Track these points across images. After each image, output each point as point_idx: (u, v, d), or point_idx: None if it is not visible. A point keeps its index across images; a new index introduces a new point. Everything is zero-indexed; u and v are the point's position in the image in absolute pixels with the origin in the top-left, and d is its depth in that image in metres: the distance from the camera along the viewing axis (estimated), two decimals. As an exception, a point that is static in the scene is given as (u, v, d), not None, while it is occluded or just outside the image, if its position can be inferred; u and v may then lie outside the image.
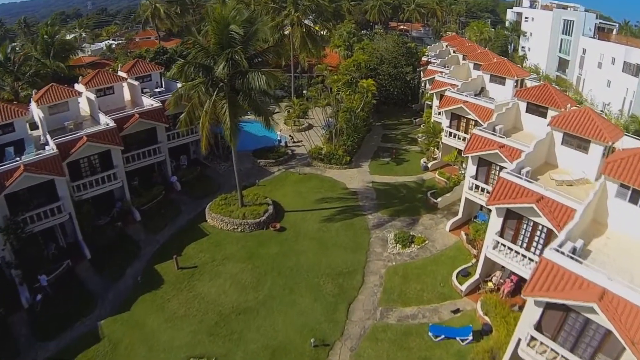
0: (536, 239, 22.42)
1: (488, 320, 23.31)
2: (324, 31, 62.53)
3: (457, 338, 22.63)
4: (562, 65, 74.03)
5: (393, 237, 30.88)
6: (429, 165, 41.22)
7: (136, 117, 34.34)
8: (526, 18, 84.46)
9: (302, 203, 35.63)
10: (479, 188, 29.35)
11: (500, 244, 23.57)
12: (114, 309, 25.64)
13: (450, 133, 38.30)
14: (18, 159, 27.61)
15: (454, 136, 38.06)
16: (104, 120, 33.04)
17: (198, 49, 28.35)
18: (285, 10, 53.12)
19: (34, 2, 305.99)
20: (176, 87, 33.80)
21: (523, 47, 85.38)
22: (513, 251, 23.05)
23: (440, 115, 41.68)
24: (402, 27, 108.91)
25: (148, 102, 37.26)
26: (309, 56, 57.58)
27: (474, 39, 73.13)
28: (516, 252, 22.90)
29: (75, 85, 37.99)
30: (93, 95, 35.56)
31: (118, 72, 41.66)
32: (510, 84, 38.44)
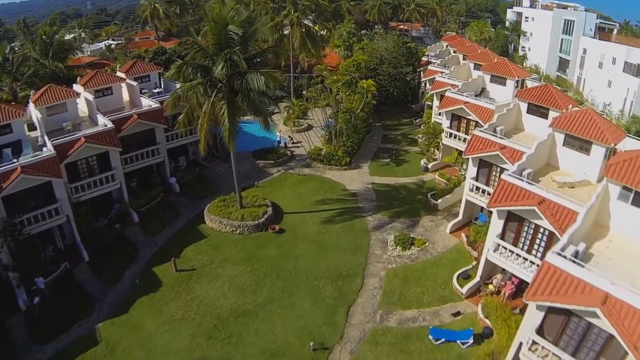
0: (537, 241, 22.21)
1: (489, 323, 23.14)
2: (323, 31, 62.28)
3: (458, 341, 22.46)
4: (563, 65, 73.86)
5: (393, 239, 30.65)
6: (429, 166, 40.99)
7: (134, 118, 34.12)
8: (526, 18, 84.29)
9: (302, 204, 35.40)
10: (479, 190, 29.13)
11: (501, 246, 23.36)
12: (112, 312, 25.47)
13: (451, 134, 38.09)
14: (15, 160, 27.48)
15: (455, 137, 37.85)
16: (102, 121, 32.86)
17: (196, 50, 28.10)
18: (285, 10, 52.83)
19: (34, 2, 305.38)
20: (175, 88, 33.59)
21: (523, 47, 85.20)
22: (514, 254, 22.83)
23: (440, 115, 41.49)
24: (402, 27, 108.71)
25: (147, 103, 37.04)
26: (308, 56, 57.34)
27: (474, 38, 72.88)
28: (517, 255, 22.68)
29: (73, 86, 37.80)
30: (91, 96, 35.32)
31: (117, 73, 41.47)
32: (511, 84, 38.19)
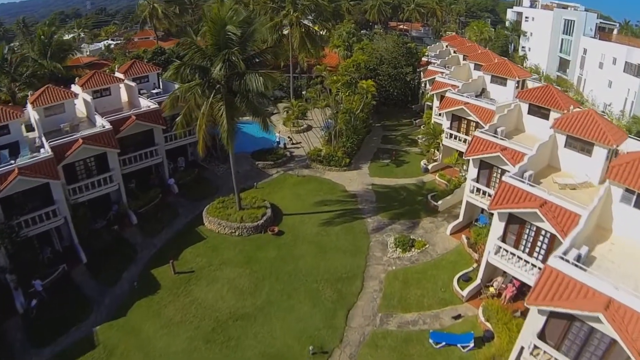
0: (539, 244, 21.99)
1: (490, 327, 22.92)
2: (323, 31, 61.99)
3: (459, 345, 22.24)
4: (563, 66, 73.67)
5: (393, 241, 30.43)
6: (430, 167, 40.76)
7: (133, 119, 33.89)
8: (526, 18, 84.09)
9: (301, 206, 35.16)
10: (480, 191, 28.92)
11: (502, 249, 23.13)
12: (110, 315, 25.28)
13: (451, 135, 37.86)
14: (12, 161, 27.21)
15: (455, 138, 37.63)
16: (100, 122, 32.64)
17: (194, 50, 27.87)
18: (284, 10, 52.63)
19: (33, 2, 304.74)
20: (174, 88, 33.36)
21: (523, 47, 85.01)
22: (515, 257, 22.60)
23: (440, 116, 41.26)
24: (402, 27, 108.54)
25: (145, 104, 36.81)
26: (308, 56, 57.15)
27: (474, 38, 72.64)
28: (518, 258, 22.46)
29: (71, 87, 37.59)
30: (89, 97, 35.15)
31: (115, 73, 41.23)
32: (511, 84, 37.94)
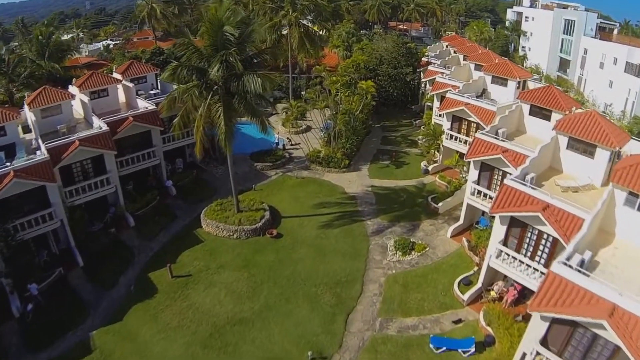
0: (541, 248, 21.65)
1: (491, 331, 22.62)
2: (322, 31, 61.67)
3: (459, 350, 21.95)
4: (563, 66, 73.42)
5: (393, 244, 30.11)
6: (430, 168, 40.42)
7: (130, 120, 33.54)
8: (526, 18, 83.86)
9: (300, 208, 34.81)
10: (481, 193, 28.59)
11: (503, 253, 22.79)
12: (107, 319, 24.96)
13: (451, 136, 37.50)
14: (8, 164, 26.91)
15: (455, 139, 37.26)
16: (97, 124, 32.30)
17: (192, 51, 27.54)
18: (283, 10, 52.28)
19: (33, 2, 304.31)
20: (172, 89, 33.00)
21: (523, 47, 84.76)
22: (517, 260, 22.27)
23: (440, 117, 40.92)
24: (402, 27, 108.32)
25: (143, 105, 36.49)
26: (307, 57, 56.72)
27: (474, 38, 72.35)
28: (520, 262, 22.13)
29: (69, 88, 37.27)
30: (87, 98, 34.78)
31: (113, 74, 40.90)
32: (512, 85, 37.59)
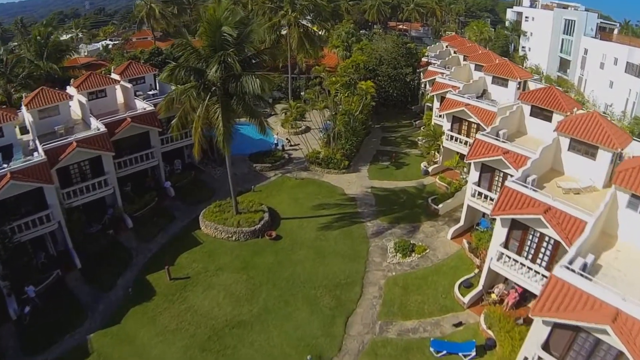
0: (542, 250, 21.44)
1: (492, 335, 22.38)
2: (321, 31, 61.40)
3: (460, 354, 21.71)
4: (564, 66, 73.23)
5: (393, 246, 29.91)
6: (430, 169, 40.20)
7: (128, 121, 33.30)
8: (526, 18, 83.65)
9: (299, 210, 34.59)
10: (481, 195, 28.36)
11: (504, 255, 22.56)
12: (104, 322, 24.77)
13: (452, 137, 37.29)
14: (5, 165, 26.67)
15: (456, 140, 37.04)
16: (94, 125, 32.07)
17: (189, 52, 27.31)
18: (282, 10, 52.03)
19: (33, 2, 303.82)
20: (170, 90, 32.75)
21: (523, 47, 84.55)
22: (518, 263, 22.03)
23: (440, 118, 40.70)
24: (401, 27, 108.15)
25: (141, 105, 36.23)
26: (306, 57, 56.47)
27: (474, 38, 72.13)
28: (521, 265, 21.91)
29: (67, 88, 37.03)
30: (84, 99, 34.54)
31: (111, 74, 40.65)
32: (513, 86, 37.37)
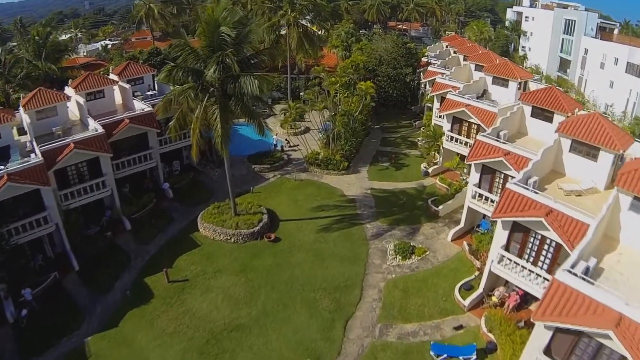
0: (544, 253, 21.22)
1: (492, 338, 22.17)
2: (321, 31, 61.19)
3: (460, 357, 21.44)
4: (564, 66, 73.04)
5: (393, 248, 29.66)
6: (430, 170, 39.96)
7: (126, 123, 33.05)
8: (526, 17, 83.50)
9: (298, 211, 34.34)
10: (482, 197, 28.16)
11: (505, 258, 22.34)
12: (102, 324, 24.53)
13: (452, 137, 37.09)
14: (2, 167, 26.43)
15: (456, 141, 36.85)
16: (92, 126, 31.85)
17: (187, 52, 27.06)
18: (282, 10, 51.79)
19: (32, 2, 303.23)
20: (169, 90, 32.56)
21: (523, 47, 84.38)
22: (519, 266, 21.83)
23: (441, 118, 40.48)
24: (401, 27, 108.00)
25: (139, 106, 35.99)
26: (306, 57, 56.22)
27: (473, 38, 71.92)
28: (522, 267, 21.70)
29: (65, 89, 36.79)
30: (82, 99, 34.27)
31: (109, 75, 40.40)
32: (513, 86, 37.14)
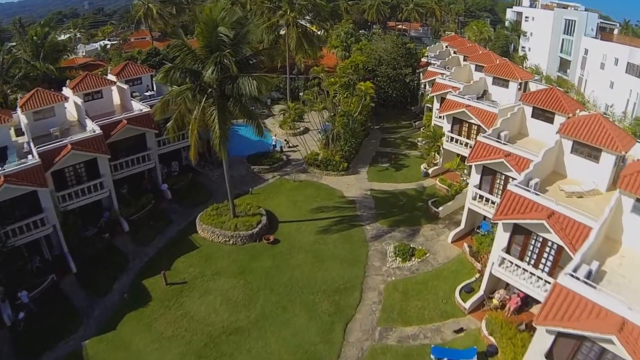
0: (545, 255, 21.02)
1: (493, 341, 21.94)
2: (320, 31, 60.93)
3: (461, 361, 21.33)
4: (564, 66, 72.83)
5: (392, 250, 29.45)
6: (430, 171, 39.74)
7: (124, 123, 32.84)
8: (526, 18, 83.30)
9: (297, 213, 34.12)
10: (482, 198, 27.96)
11: (506, 260, 22.13)
12: (99, 327, 24.32)
13: (452, 138, 36.88)
14: (-1, 168, 26.29)
15: (456, 141, 36.64)
16: (90, 127, 31.62)
17: (185, 53, 26.84)
18: (281, 10, 51.56)
19: (32, 2, 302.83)
20: (168, 90, 32.31)
21: (523, 47, 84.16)
22: (520, 269, 21.61)
23: (441, 119, 40.28)
24: (401, 27, 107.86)
25: (138, 107, 35.78)
26: (305, 57, 55.98)
27: (473, 38, 71.75)
28: (524, 270, 21.48)
29: (62, 90, 36.56)
30: (80, 100, 34.10)
31: (108, 75, 40.17)
32: (513, 86, 36.97)
